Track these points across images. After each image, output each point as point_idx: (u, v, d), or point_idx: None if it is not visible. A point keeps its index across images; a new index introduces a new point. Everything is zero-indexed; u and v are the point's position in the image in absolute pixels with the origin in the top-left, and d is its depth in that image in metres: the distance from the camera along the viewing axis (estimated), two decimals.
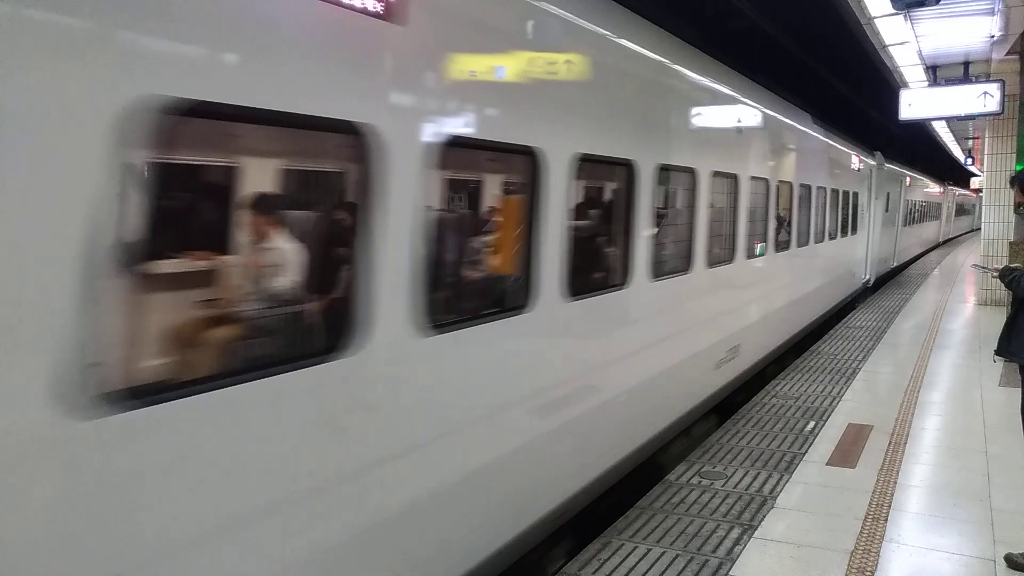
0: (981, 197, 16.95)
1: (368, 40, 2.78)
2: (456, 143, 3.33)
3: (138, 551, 2.14)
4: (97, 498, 2.03)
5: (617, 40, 4.94)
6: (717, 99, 6.84)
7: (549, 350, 4.14)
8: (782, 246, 9.20)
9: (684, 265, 6.02)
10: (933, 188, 30.36)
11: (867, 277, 16.69)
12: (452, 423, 3.36)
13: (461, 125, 3.41)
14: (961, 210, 46.77)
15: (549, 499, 4.21)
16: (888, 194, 18.60)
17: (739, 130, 7.49)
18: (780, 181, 8.96)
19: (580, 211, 4.73)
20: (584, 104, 4.42)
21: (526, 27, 3.86)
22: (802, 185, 9.97)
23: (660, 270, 5.45)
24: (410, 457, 3.11)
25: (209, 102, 2.22)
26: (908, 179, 22.60)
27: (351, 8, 2.68)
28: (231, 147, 4.28)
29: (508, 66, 3.73)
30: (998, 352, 4.40)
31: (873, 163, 16.76)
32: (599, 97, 4.57)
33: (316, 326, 3.34)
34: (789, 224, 9.49)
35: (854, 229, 14.51)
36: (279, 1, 2.46)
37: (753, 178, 7.73)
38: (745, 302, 7.98)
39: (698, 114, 6.31)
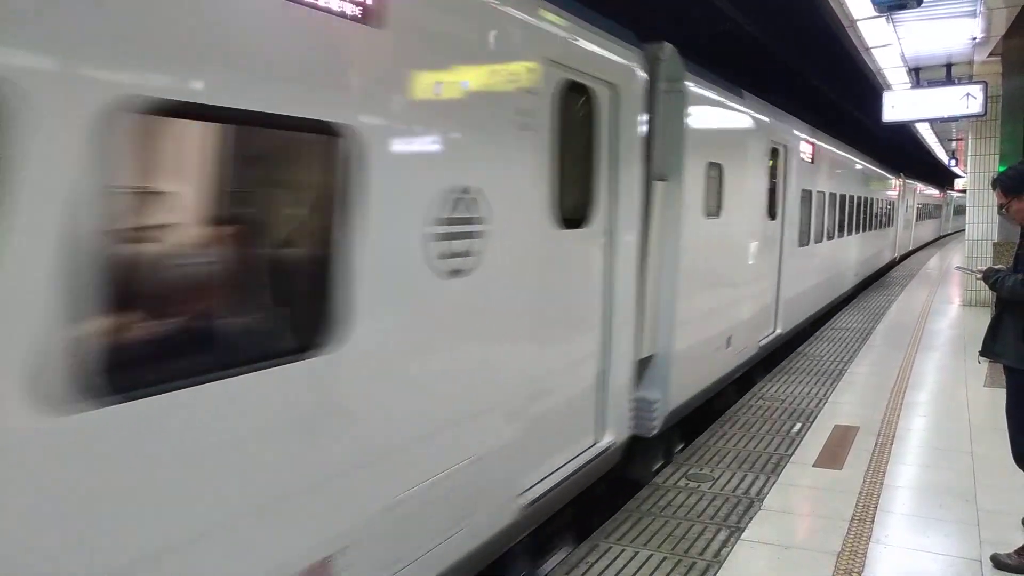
0: (948, 196, 15.72)
1: None
2: None
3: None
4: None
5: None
6: None
7: None
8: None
9: None
10: (879, 177, 19.41)
11: (596, 443, 5.00)
12: None
13: None
14: (924, 213, 35.12)
15: None
16: (721, 171, 6.89)
17: None
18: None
19: None
20: None
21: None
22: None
23: None
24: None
25: None
26: (809, 146, 10.68)
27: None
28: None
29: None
30: (982, 353, 4.41)
31: (627, 65, 4.99)
32: None
33: None
34: None
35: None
36: None
37: None
38: None
39: None
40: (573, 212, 4.61)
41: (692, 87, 6.14)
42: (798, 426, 6.75)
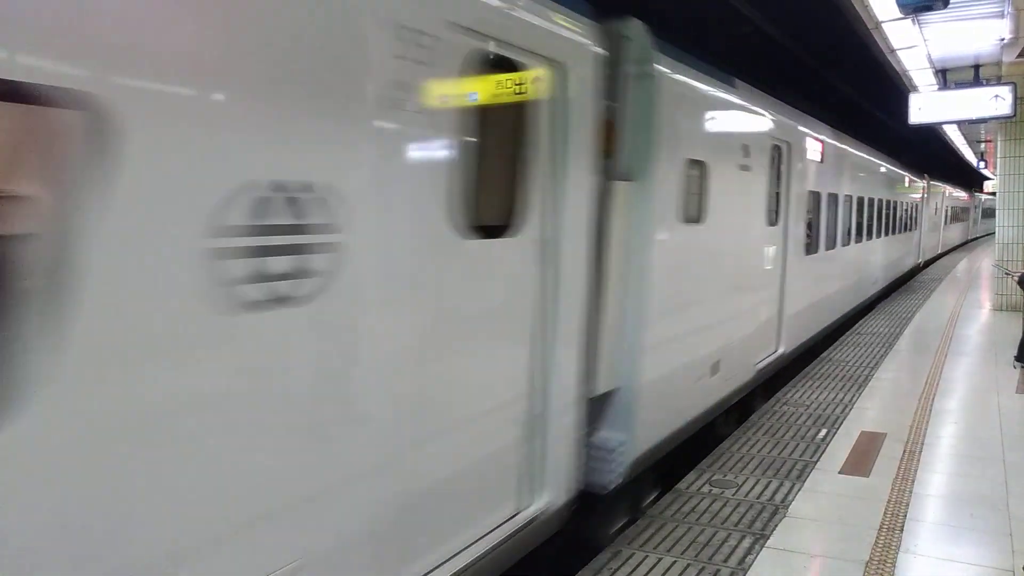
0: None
1: None
2: None
3: None
4: None
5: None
6: None
7: None
8: None
9: None
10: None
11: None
12: None
13: None
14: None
15: None
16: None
17: None
18: None
19: None
20: None
21: None
22: None
23: None
24: None
25: None
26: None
27: None
28: None
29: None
30: (1018, 358, 4.33)
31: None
32: None
33: None
34: None
35: None
36: None
37: None
38: None
39: None
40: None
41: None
42: (823, 432, 6.65)
